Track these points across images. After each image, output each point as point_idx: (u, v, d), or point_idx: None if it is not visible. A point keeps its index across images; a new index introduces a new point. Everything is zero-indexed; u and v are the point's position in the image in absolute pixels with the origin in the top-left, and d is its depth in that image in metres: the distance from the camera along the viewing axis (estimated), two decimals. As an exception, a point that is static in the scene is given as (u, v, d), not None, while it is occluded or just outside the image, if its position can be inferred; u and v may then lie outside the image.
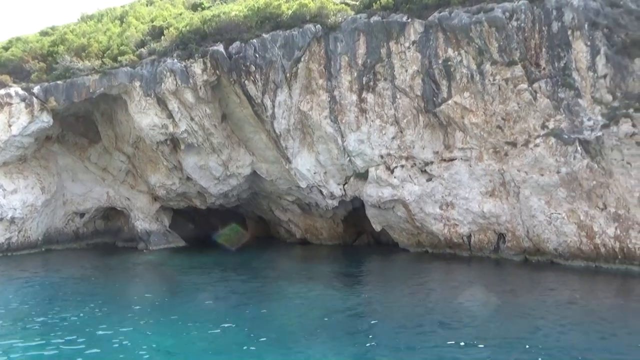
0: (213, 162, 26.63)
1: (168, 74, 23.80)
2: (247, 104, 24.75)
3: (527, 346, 11.69)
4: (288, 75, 24.53)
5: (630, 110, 19.35)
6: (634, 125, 19.19)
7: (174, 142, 25.91)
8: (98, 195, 29.67)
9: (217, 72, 23.87)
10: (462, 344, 11.95)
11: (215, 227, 39.80)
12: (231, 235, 32.95)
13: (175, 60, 24.00)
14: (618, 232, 19.75)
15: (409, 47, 23.72)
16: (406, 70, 23.78)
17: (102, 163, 29.59)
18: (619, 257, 19.86)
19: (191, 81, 23.73)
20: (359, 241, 32.73)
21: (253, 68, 23.65)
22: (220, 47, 23.79)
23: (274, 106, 24.69)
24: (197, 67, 23.66)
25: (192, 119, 24.77)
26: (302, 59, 24.68)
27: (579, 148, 20.25)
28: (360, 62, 24.51)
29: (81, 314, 14.49)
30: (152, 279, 20.83)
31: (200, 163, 26.61)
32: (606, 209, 20.02)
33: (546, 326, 13.06)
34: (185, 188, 28.19)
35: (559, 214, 21.04)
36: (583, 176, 20.28)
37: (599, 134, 19.88)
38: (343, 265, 25.49)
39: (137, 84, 24.43)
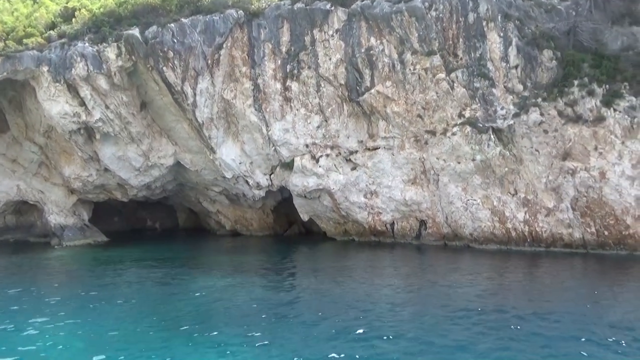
0: (132, 153, 25.53)
1: (79, 58, 22.46)
2: (166, 91, 23.84)
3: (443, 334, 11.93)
4: (210, 62, 23.84)
5: (539, 100, 20.32)
6: (542, 114, 20.16)
7: (89, 132, 24.58)
8: (7, 189, 27.71)
9: (133, 57, 22.81)
10: (373, 331, 12.04)
11: (143, 220, 38.65)
12: None
13: (87, 44, 22.70)
14: (527, 216, 20.74)
15: (332, 35, 23.71)
16: (330, 59, 23.76)
17: (11, 154, 27.63)
18: (528, 240, 20.87)
19: (104, 67, 22.53)
20: (290, 231, 32.59)
21: (171, 54, 22.79)
22: (135, 31, 22.72)
23: (195, 94, 23.94)
24: (110, 52, 22.49)
25: (107, 107, 23.57)
26: (225, 46, 24.07)
27: (492, 136, 21.03)
28: (284, 49, 24.24)
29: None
30: (50, 275, 19.50)
31: (119, 153, 25.42)
32: (517, 195, 20.95)
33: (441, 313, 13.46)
34: (104, 180, 26.87)
35: (475, 200, 21.81)
36: (496, 163, 21.11)
37: (511, 122, 20.74)
38: (269, 255, 25.19)
39: (45, 69, 22.90)
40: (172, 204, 35.82)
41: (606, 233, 19.44)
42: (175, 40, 22.85)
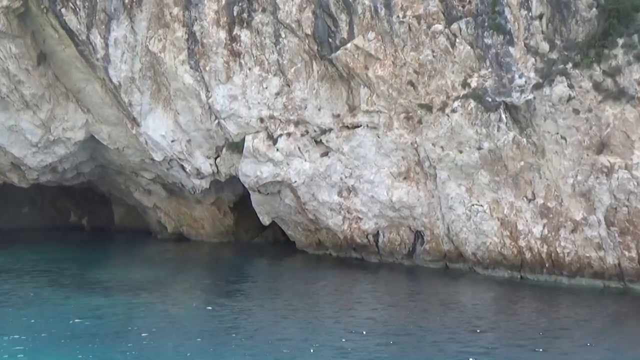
0: (27, 122, 27.45)
1: (-53, -6, 24.49)
2: (69, 41, 25.63)
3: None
4: (127, 1, 25.44)
5: (569, 66, 20.79)
6: (570, 86, 20.65)
7: (-34, 94, 26.65)
8: None
9: (22, -5, 24.69)
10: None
11: (66, 214, 40.90)
12: None
13: (-41, -25, 24.65)
14: (546, 231, 21.36)
15: (297, -34, 24.77)
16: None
17: None
18: (547, 264, 21.55)
19: (-19, 6, 24.50)
20: (259, 238, 34.05)
21: (71, -10, 24.60)
22: (23, -40, 24.56)
23: (107, 45, 25.63)
24: (-10, -13, 24.40)
25: (-12, 60, 25.64)
26: (149, -20, 25.63)
27: (504, 116, 21.69)
28: (230, -16, 25.47)
29: None
30: None
31: (9, 122, 27.41)
32: (534, 200, 21.57)
33: None
34: (-8, 158, 29.00)
35: (480, 205, 22.55)
36: (509, 155, 21.75)
37: (530, 97, 21.32)
38: (211, 273, 26.51)
39: None
40: (106, 193, 37.83)
41: (654, 260, 19.97)
42: (76, -27, 24.60)
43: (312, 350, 14.62)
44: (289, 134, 25.87)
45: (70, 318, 16.95)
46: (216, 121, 26.65)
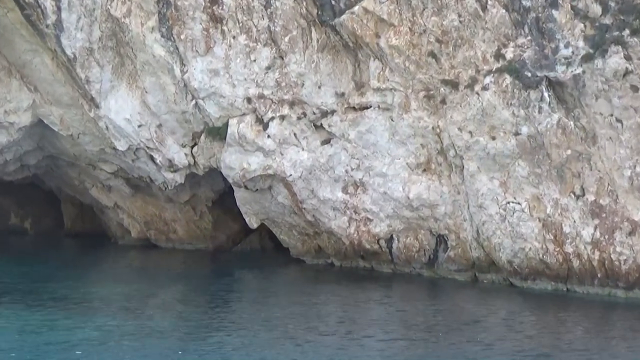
0: (-40, 104, 27.77)
1: None
2: (12, 3, 25.83)
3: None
4: (83, -46, 25.77)
5: (625, 33, 21.19)
6: (627, 58, 21.07)
7: None
8: None
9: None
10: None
11: (6, 215, 41.09)
12: None
13: None
14: (598, 234, 21.78)
15: None
16: (287, -48, 25.19)
17: None
18: (599, 274, 21.96)
19: None
20: (243, 244, 34.37)
21: (14, -60, 24.89)
22: None
23: (59, 9, 25.86)
24: None
25: None
26: None
27: (546, 94, 22.07)
28: None
29: None
30: None
31: (-62, 104, 27.73)
32: (584, 197, 22.00)
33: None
34: None
35: (518, 203, 22.95)
36: (552, 141, 22.16)
37: (578, 71, 21.72)
38: (178, 289, 26.47)
39: None
40: (54, 189, 38.09)
41: None
42: None
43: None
44: (282, 117, 26.19)
45: (15, 343, 17.10)
46: (193, 102, 26.96)
